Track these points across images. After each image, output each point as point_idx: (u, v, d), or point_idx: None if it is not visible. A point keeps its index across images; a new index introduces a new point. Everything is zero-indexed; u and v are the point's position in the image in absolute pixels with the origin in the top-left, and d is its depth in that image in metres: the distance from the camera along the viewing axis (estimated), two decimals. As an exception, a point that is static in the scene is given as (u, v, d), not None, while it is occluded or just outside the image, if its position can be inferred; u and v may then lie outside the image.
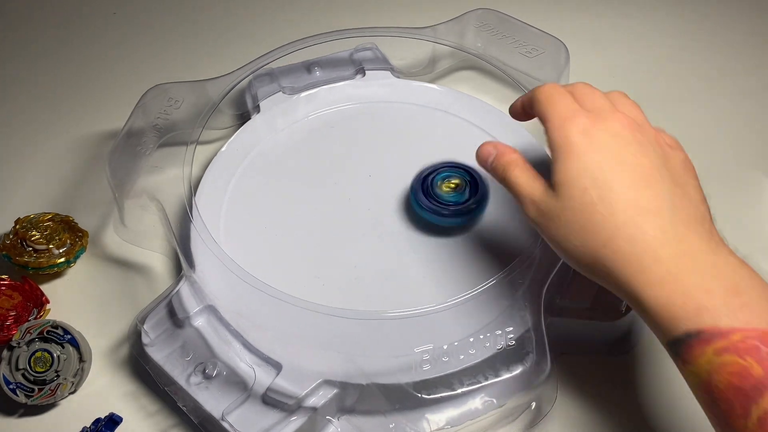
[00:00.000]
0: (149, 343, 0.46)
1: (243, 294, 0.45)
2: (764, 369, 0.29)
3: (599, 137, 0.37)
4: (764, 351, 0.30)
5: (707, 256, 0.33)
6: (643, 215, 0.34)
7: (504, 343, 0.43)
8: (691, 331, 0.31)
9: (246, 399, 0.43)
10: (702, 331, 0.31)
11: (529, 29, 0.62)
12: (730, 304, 0.31)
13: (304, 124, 0.61)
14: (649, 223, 0.34)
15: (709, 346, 0.31)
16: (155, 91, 0.56)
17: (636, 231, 0.34)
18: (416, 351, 0.41)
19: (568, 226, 0.36)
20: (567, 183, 0.36)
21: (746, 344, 0.30)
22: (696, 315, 0.31)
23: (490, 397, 0.44)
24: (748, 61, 0.72)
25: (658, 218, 0.34)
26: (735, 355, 0.30)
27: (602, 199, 0.35)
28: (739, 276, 0.33)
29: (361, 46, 0.67)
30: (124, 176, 0.53)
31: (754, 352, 0.30)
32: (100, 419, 0.45)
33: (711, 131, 0.65)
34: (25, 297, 0.50)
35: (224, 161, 0.57)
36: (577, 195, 0.35)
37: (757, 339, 0.30)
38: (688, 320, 0.31)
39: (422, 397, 0.42)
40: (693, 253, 0.33)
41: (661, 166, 0.37)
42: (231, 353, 0.45)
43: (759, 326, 0.31)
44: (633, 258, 0.34)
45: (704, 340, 0.31)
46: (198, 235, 0.48)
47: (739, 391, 0.30)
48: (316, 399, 0.43)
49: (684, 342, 0.32)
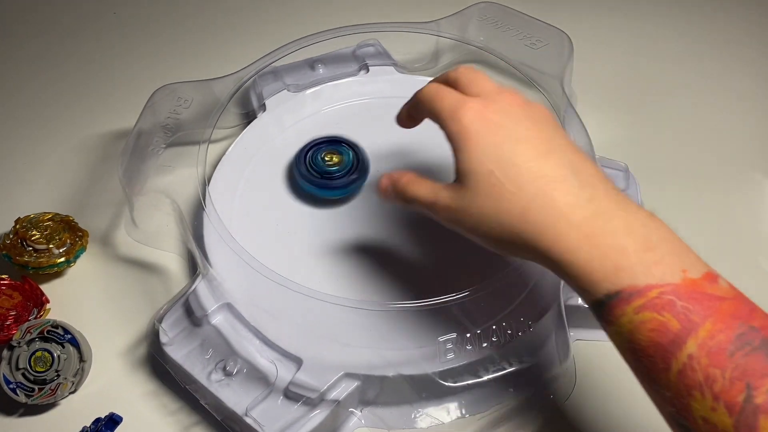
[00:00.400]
0: (168, 342, 0.46)
1: (261, 289, 0.45)
2: (680, 322, 0.30)
3: (492, 119, 0.37)
4: (680, 305, 0.30)
5: (617, 213, 0.34)
6: (551, 183, 0.35)
7: (525, 329, 0.43)
8: (610, 292, 0.32)
9: (268, 394, 0.43)
10: (620, 291, 0.31)
11: (532, 21, 0.62)
12: (645, 261, 0.32)
13: (310, 121, 0.61)
14: (558, 190, 0.34)
15: (628, 306, 0.31)
16: (164, 91, 0.56)
17: (547, 200, 0.34)
18: (440, 340, 0.42)
19: (482, 211, 0.36)
20: (471, 171, 0.36)
21: (662, 300, 0.31)
22: (614, 275, 0.32)
23: (511, 384, 0.44)
24: (748, 60, 0.73)
25: (566, 184, 0.35)
26: (653, 311, 0.31)
27: (508, 177, 0.35)
28: (650, 230, 0.33)
29: (363, 42, 0.67)
30: (136, 176, 0.53)
31: (670, 307, 0.30)
32: (100, 419, 0.45)
33: (711, 131, 0.66)
34: (25, 297, 0.50)
35: (234, 159, 0.57)
36: (483, 180, 0.36)
37: (672, 293, 0.31)
38: (607, 281, 0.32)
39: (447, 386, 0.42)
40: (604, 213, 0.34)
41: (554, 135, 0.37)
42: (251, 349, 0.45)
43: (673, 281, 0.31)
44: (549, 227, 0.34)
45: (623, 300, 0.31)
46: (214, 232, 0.48)
47: (659, 347, 0.30)
48: (338, 392, 0.43)
49: (605, 304, 0.32)
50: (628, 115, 0.66)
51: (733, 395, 0.28)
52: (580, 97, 0.65)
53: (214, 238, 0.49)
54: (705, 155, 0.63)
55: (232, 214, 0.53)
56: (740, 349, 0.29)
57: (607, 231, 0.33)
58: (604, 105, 0.67)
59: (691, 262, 0.32)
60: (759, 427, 0.28)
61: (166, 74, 0.66)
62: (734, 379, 0.29)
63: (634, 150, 0.62)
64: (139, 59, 0.73)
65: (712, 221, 0.58)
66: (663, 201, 0.58)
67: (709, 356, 0.29)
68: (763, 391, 0.28)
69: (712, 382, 0.29)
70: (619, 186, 0.55)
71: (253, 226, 0.52)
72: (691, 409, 0.30)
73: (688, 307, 0.30)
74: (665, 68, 0.71)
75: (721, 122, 0.66)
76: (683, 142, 0.64)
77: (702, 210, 0.58)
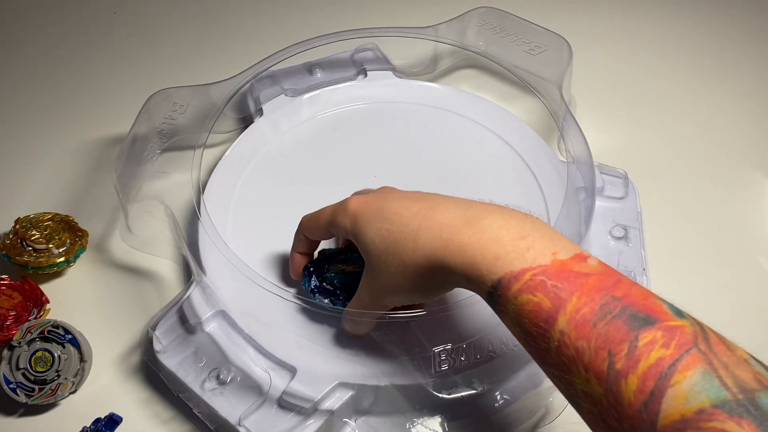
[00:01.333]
0: (161, 350, 0.46)
1: (255, 297, 0.44)
2: (551, 300, 0.31)
3: (372, 199, 0.41)
4: (550, 284, 0.32)
5: (493, 211, 0.36)
6: (431, 209, 0.37)
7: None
8: (494, 282, 0.33)
9: (262, 404, 0.43)
10: (501, 278, 0.33)
11: (532, 26, 0.62)
12: (518, 248, 0.33)
13: (307, 126, 0.61)
14: (437, 211, 0.37)
15: (509, 292, 0.33)
16: (159, 96, 0.56)
17: (430, 222, 0.37)
18: (434, 351, 0.41)
19: (386, 264, 0.38)
20: (368, 243, 0.39)
21: (534, 281, 0.32)
22: (494, 265, 0.33)
23: (507, 395, 0.43)
24: (748, 60, 0.72)
25: (443, 205, 0.38)
26: (528, 293, 0.32)
27: (394, 223, 0.38)
28: (523, 222, 0.35)
29: (362, 47, 0.67)
30: (131, 182, 0.52)
31: (542, 287, 0.32)
32: (100, 419, 0.45)
33: (711, 131, 0.65)
34: (24, 297, 0.50)
35: (230, 164, 0.56)
36: (378, 237, 0.39)
37: (542, 274, 0.32)
38: (490, 272, 0.33)
39: (441, 397, 0.41)
40: (480, 214, 0.36)
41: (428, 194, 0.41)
42: (245, 358, 0.45)
43: (543, 262, 0.33)
44: (435, 239, 0.36)
45: (505, 287, 0.33)
46: (208, 239, 0.48)
47: (539, 327, 0.32)
48: (332, 401, 0.42)
49: (493, 294, 0.34)
50: (626, 122, 0.66)
51: (599, 364, 0.29)
52: (579, 103, 0.64)
53: (209, 246, 0.48)
54: (704, 162, 0.62)
55: (227, 221, 0.53)
56: (602, 319, 0.30)
57: (485, 226, 0.35)
58: (603, 111, 0.66)
59: (562, 246, 0.34)
60: (622, 391, 0.28)
61: (166, 78, 0.66)
62: (598, 348, 0.30)
63: (633, 157, 0.61)
64: (138, 63, 0.73)
65: (712, 225, 0.57)
66: (662, 208, 0.58)
67: (577, 329, 0.30)
68: (622, 357, 0.29)
69: (581, 355, 0.30)
70: (619, 193, 0.55)
71: (248, 233, 0.52)
72: (574, 384, 0.31)
73: (557, 285, 0.32)
74: (664, 74, 0.71)
75: (720, 129, 0.65)
76: (682, 148, 0.64)
77: (702, 215, 0.58)
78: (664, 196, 0.59)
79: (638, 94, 0.69)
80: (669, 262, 0.54)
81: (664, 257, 0.54)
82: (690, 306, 0.31)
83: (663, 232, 0.56)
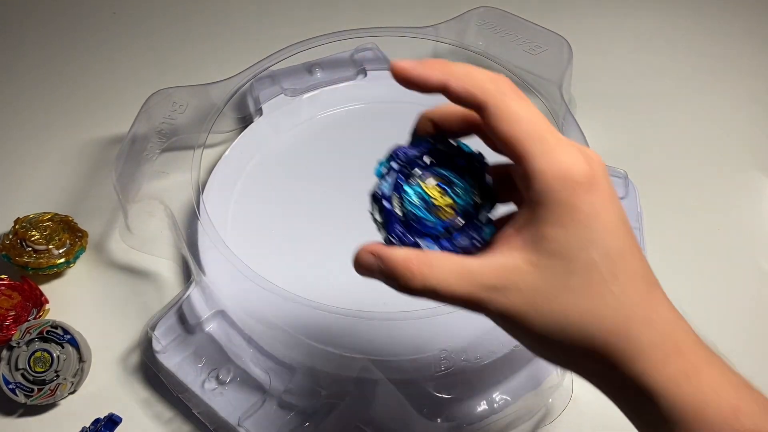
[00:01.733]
0: (161, 350, 0.45)
1: (255, 297, 0.44)
2: None
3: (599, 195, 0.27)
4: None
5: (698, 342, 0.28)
6: (652, 290, 0.27)
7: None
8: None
9: (262, 404, 0.43)
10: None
11: (532, 26, 0.62)
12: (760, 402, 0.26)
13: (307, 126, 0.60)
14: (658, 299, 0.27)
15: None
16: (159, 96, 0.56)
17: (651, 313, 0.27)
18: (434, 351, 0.41)
19: (566, 309, 0.27)
20: (569, 247, 0.26)
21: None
22: (733, 418, 0.26)
23: (507, 395, 0.43)
24: (748, 61, 0.72)
25: (660, 290, 0.27)
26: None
27: (614, 274, 0.26)
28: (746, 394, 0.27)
29: (361, 47, 0.67)
30: (130, 182, 0.52)
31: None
32: (99, 419, 0.45)
33: (711, 131, 0.65)
34: (24, 297, 0.50)
35: (229, 164, 0.56)
36: (581, 265, 0.26)
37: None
38: (726, 424, 0.26)
39: (441, 397, 0.41)
40: (691, 335, 0.27)
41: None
42: (244, 358, 0.45)
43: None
44: (651, 347, 0.26)
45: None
46: (208, 239, 0.48)
47: None
48: (332, 401, 0.42)
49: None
50: (626, 122, 0.66)
51: None
52: (579, 103, 0.64)
53: (208, 246, 0.48)
54: (704, 162, 0.62)
55: (227, 221, 0.53)
56: None
57: (710, 360, 0.27)
58: (603, 111, 0.66)
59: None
60: None
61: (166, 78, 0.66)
62: None
63: (633, 157, 0.61)
64: (138, 63, 0.73)
65: (712, 225, 0.57)
66: (662, 208, 0.58)
67: None
68: None
69: None
70: (619, 193, 0.55)
71: (247, 233, 0.52)
72: None
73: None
74: (665, 74, 0.71)
75: (720, 129, 0.65)
76: (682, 148, 0.64)
77: (702, 215, 0.58)
78: (664, 196, 0.59)
79: (638, 94, 0.69)
80: (669, 262, 0.54)
81: (664, 257, 0.54)
82: (690, 306, 0.31)
83: (663, 232, 0.56)
